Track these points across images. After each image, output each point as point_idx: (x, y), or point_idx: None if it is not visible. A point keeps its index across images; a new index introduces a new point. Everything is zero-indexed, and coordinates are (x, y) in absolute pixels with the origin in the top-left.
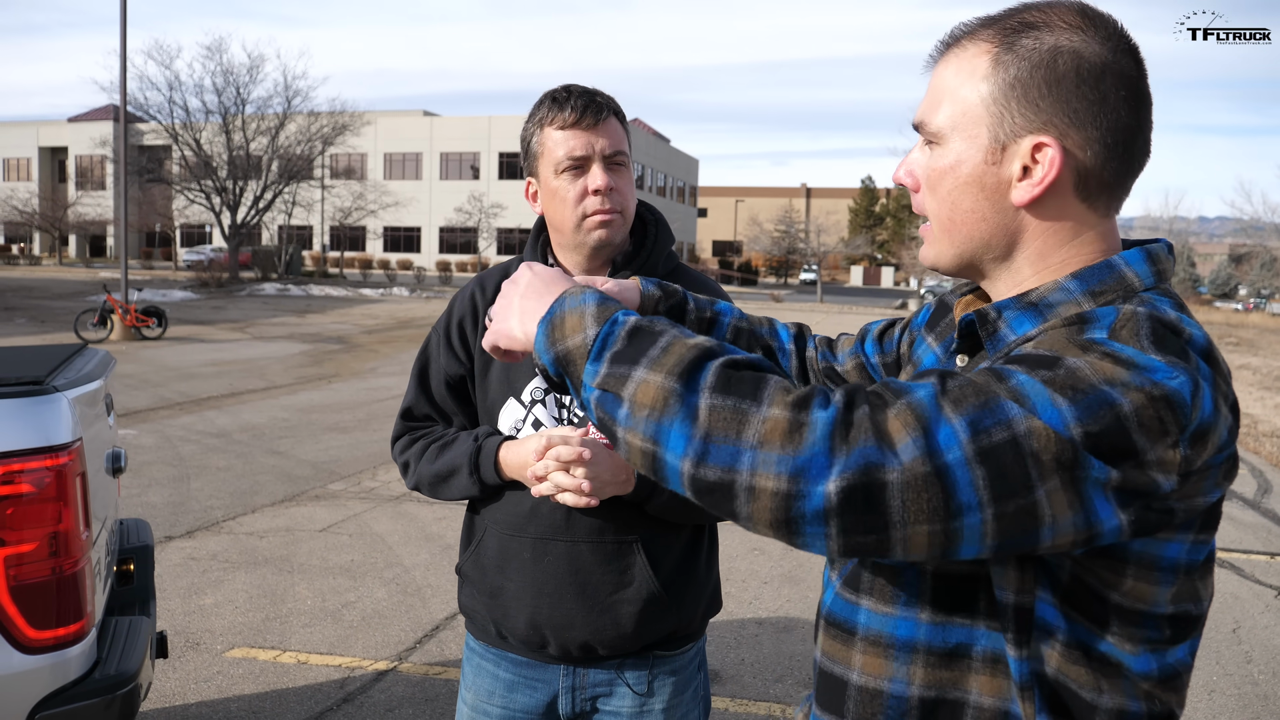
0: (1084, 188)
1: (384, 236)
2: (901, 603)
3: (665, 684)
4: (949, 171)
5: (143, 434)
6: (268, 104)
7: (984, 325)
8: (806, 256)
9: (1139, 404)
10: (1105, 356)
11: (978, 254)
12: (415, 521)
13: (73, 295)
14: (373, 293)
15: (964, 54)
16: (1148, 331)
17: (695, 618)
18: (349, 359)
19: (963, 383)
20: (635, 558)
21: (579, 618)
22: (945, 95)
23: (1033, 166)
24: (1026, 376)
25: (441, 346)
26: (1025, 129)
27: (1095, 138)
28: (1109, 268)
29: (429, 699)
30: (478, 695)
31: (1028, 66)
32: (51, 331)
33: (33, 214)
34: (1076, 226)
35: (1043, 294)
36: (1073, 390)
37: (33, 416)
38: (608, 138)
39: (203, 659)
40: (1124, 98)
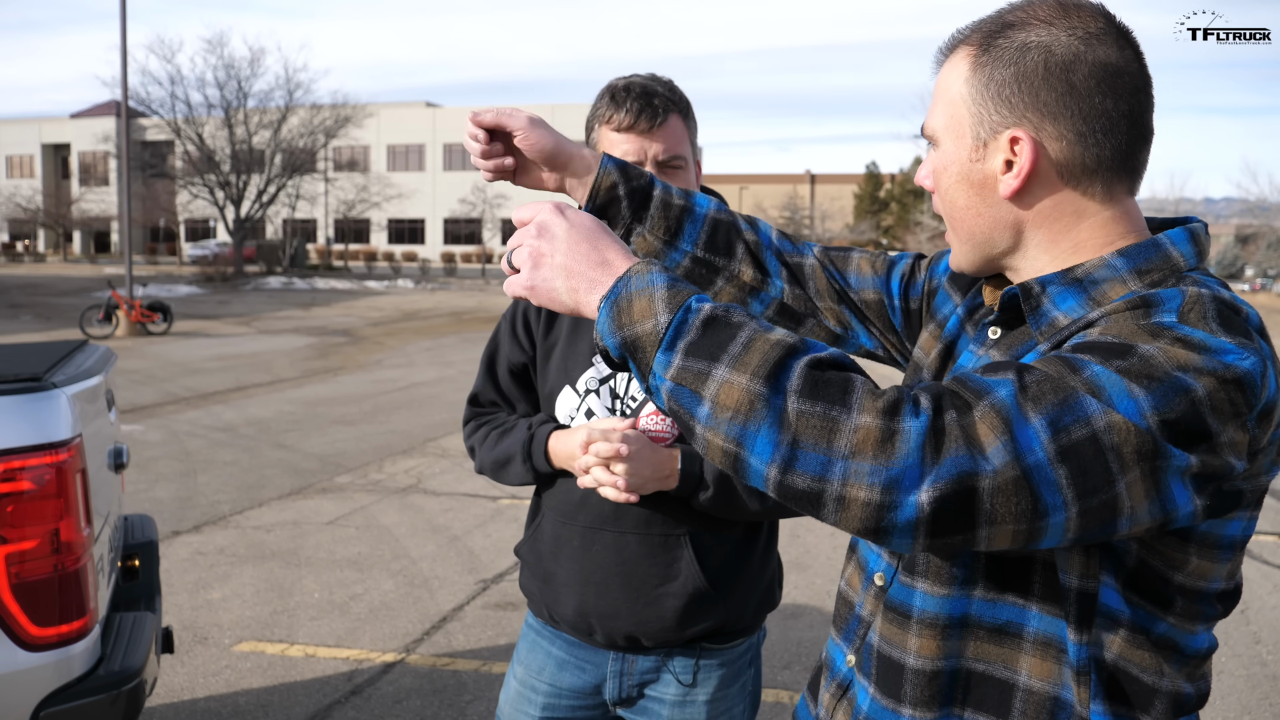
0: (1069, 175)
1: (388, 229)
2: (957, 583)
3: (711, 676)
4: (944, 171)
5: (149, 429)
6: (269, 97)
7: (1028, 299)
8: None
9: (1211, 388)
10: (1176, 341)
11: (988, 249)
12: (422, 513)
13: (78, 292)
14: (377, 285)
15: (954, 59)
16: (1214, 313)
17: (746, 613)
18: (355, 352)
19: (1040, 378)
20: (682, 552)
21: (624, 608)
22: (939, 99)
23: (1013, 159)
24: (1101, 367)
25: (507, 335)
26: (1001, 125)
27: (1069, 127)
28: (1155, 246)
29: (437, 690)
30: (528, 670)
31: (1001, 66)
32: (57, 328)
33: (37, 211)
34: (1076, 213)
35: (1088, 270)
36: (1148, 379)
37: (32, 413)
38: (663, 141)
39: (211, 653)
40: (1100, 85)
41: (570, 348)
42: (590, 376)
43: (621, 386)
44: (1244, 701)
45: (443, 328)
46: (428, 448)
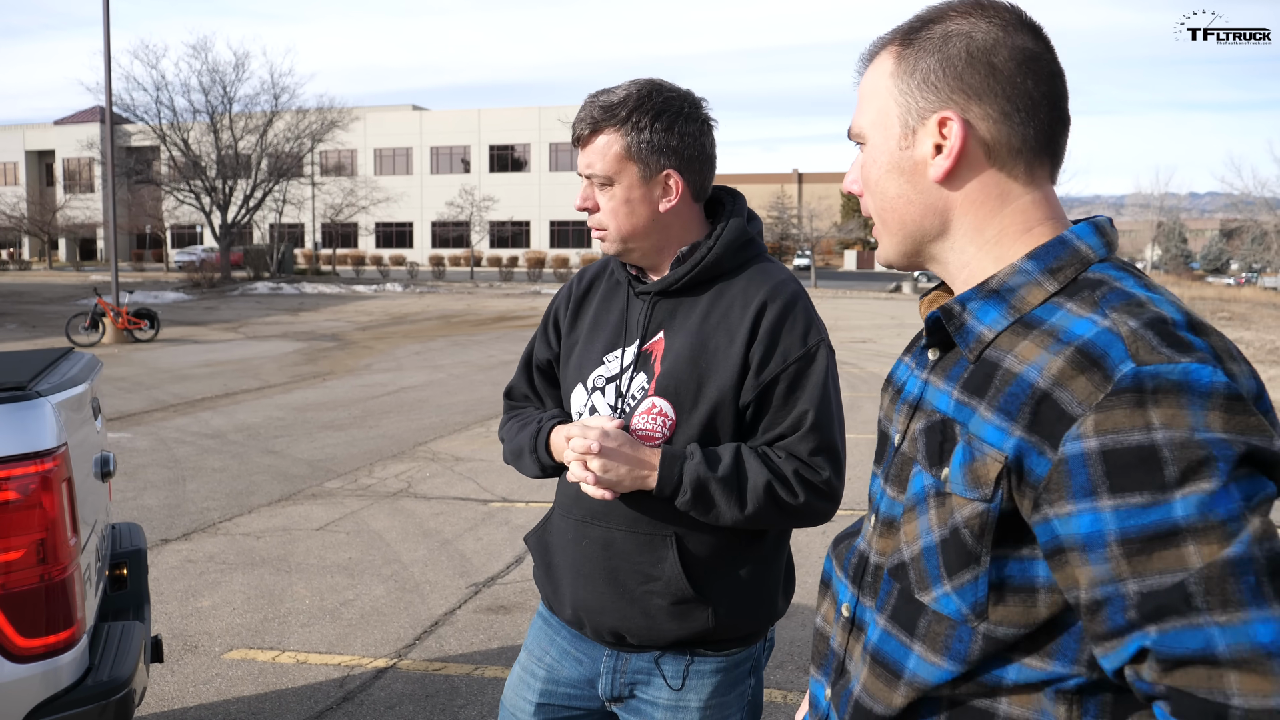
0: (995, 156)
1: (376, 232)
2: (959, 659)
3: (704, 683)
4: (872, 164)
5: (137, 437)
6: (255, 102)
7: (950, 320)
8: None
9: (1227, 422)
10: (1158, 402)
11: (916, 238)
12: (413, 518)
13: (64, 299)
14: (366, 289)
15: (877, 61)
16: (1159, 340)
17: (738, 622)
18: (343, 356)
19: (1157, 598)
20: (668, 553)
21: (609, 604)
22: (865, 99)
23: (942, 142)
24: (1148, 510)
25: (540, 333)
26: (929, 109)
27: (995, 107)
28: (1062, 244)
29: (429, 695)
30: (531, 654)
31: (924, 55)
32: (43, 336)
33: (21, 218)
34: (1001, 196)
35: (1002, 279)
36: (1199, 464)
37: (15, 422)
38: (589, 156)
39: (201, 661)
40: (1020, 68)
41: (587, 346)
42: (599, 374)
43: (625, 384)
44: None
45: (432, 331)
46: (418, 452)
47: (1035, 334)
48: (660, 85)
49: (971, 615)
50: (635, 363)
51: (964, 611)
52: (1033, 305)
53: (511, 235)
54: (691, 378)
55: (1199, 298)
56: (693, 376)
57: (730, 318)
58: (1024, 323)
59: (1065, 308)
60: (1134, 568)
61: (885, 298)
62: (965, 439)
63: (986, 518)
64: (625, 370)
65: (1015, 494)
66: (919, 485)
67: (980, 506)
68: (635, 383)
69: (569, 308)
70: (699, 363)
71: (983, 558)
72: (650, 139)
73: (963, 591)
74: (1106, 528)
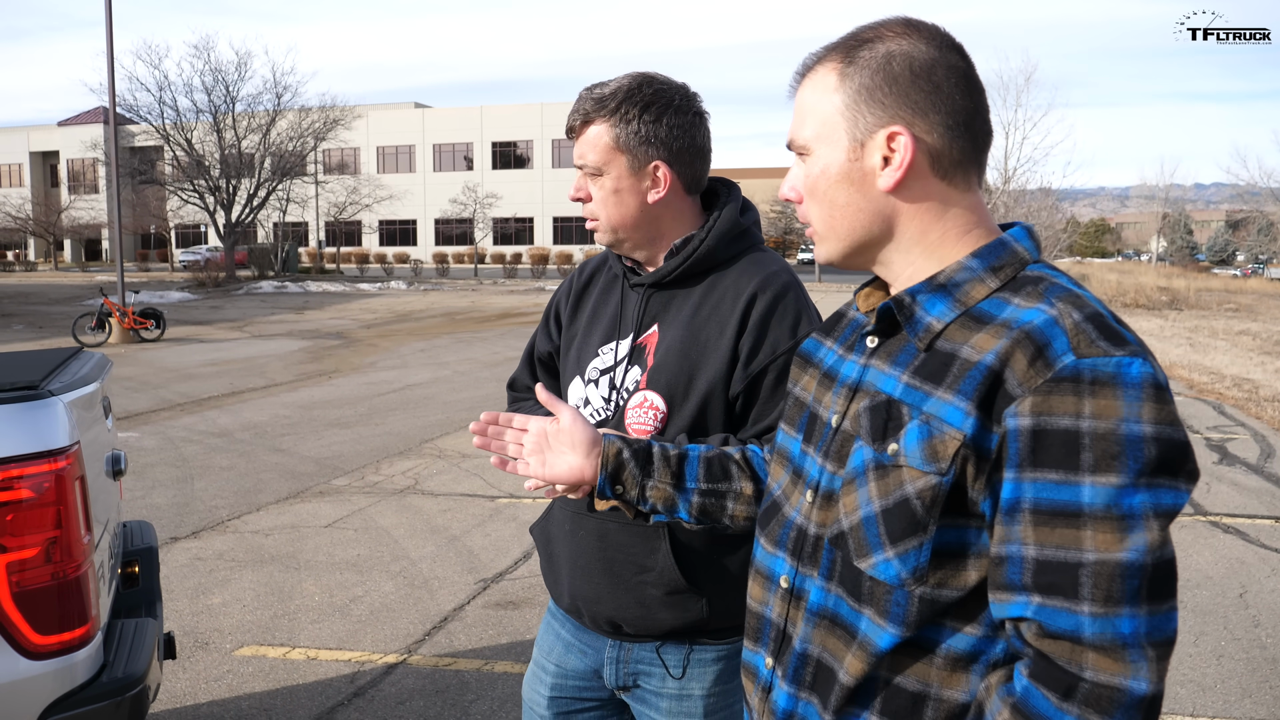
0: (939, 167)
1: (379, 230)
2: (891, 619)
3: (706, 672)
4: (821, 175)
5: (145, 436)
6: (258, 101)
7: (901, 310)
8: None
9: (1157, 412)
10: (1094, 394)
11: (862, 242)
12: (421, 514)
13: (70, 300)
14: (370, 287)
15: (816, 76)
16: (1096, 334)
17: (735, 611)
18: (349, 354)
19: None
20: (660, 543)
21: (605, 593)
22: (807, 113)
23: (890, 155)
24: (1071, 491)
25: (541, 325)
26: (876, 125)
27: (938, 121)
28: (1002, 245)
29: (439, 690)
30: (541, 650)
31: (868, 73)
32: (50, 337)
33: (26, 219)
34: (942, 203)
35: (949, 275)
36: (1110, 458)
37: (29, 421)
38: (581, 147)
39: (212, 658)
40: (956, 85)
41: (585, 339)
42: (594, 366)
43: (620, 377)
44: (1244, 685)
45: (436, 328)
46: (424, 449)
47: (990, 327)
48: (652, 78)
49: (910, 579)
50: (629, 356)
51: (903, 576)
52: (977, 299)
53: (515, 232)
54: (682, 370)
55: (1205, 289)
56: (684, 369)
57: (721, 309)
58: (971, 315)
59: (1013, 303)
60: (1037, 535)
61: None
62: (921, 418)
63: (939, 490)
64: (619, 363)
65: (969, 467)
66: (859, 460)
67: (934, 480)
68: (629, 376)
69: (569, 300)
70: (690, 355)
71: (929, 526)
72: (638, 130)
73: (905, 557)
74: (1023, 495)
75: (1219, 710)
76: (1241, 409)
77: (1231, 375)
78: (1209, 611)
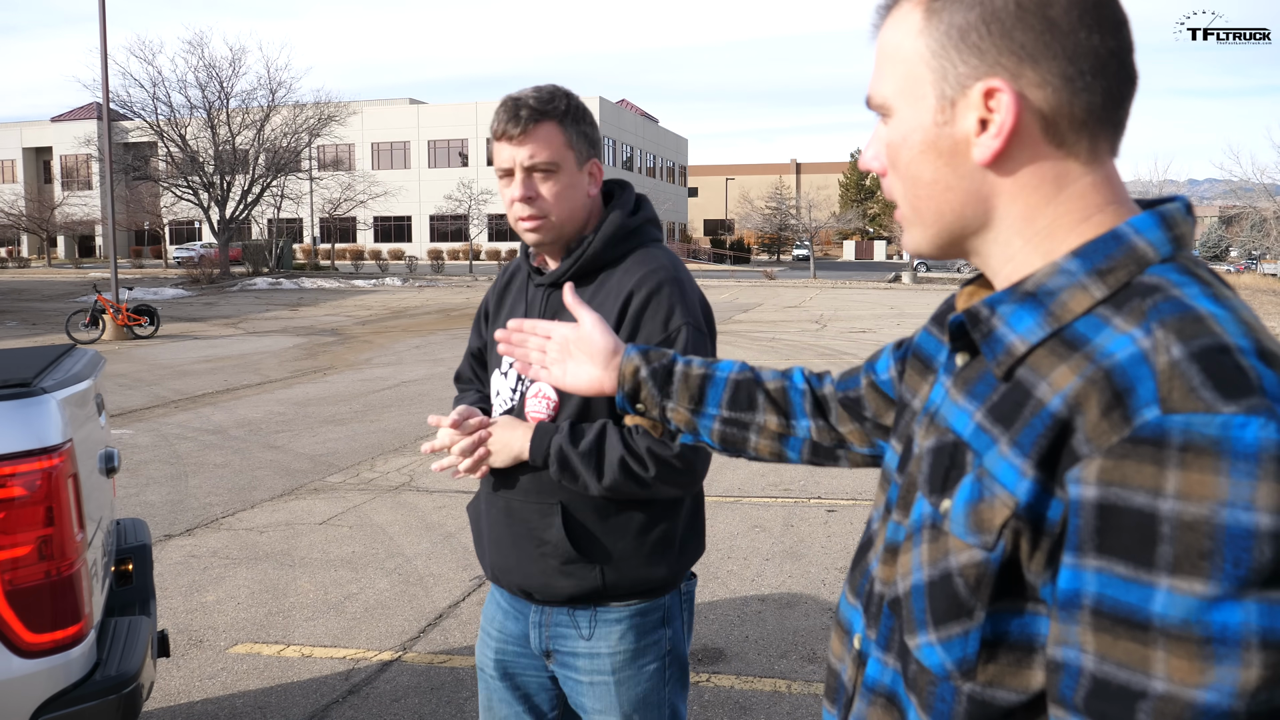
0: (1053, 131)
1: (374, 227)
2: (934, 715)
3: (611, 631)
4: (902, 144)
5: (139, 433)
6: (252, 97)
7: (976, 326)
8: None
9: (1267, 500)
10: (1183, 464)
11: (954, 230)
12: (415, 511)
13: (63, 296)
14: (365, 283)
15: (899, 13)
16: (1202, 379)
17: (632, 578)
18: (343, 351)
19: (1105, 698)
20: (554, 519)
21: (514, 564)
22: (886, 62)
23: (989, 117)
24: (1141, 594)
25: (474, 323)
26: (971, 77)
27: (1054, 70)
28: (1115, 239)
29: (434, 687)
30: (485, 617)
31: (962, 9)
32: (43, 333)
33: (20, 216)
34: (1058, 179)
35: (1039, 280)
36: (1200, 559)
37: (21, 419)
38: (530, 148)
39: (206, 656)
40: (1080, 18)
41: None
42: (507, 360)
43: None
44: None
45: (431, 325)
46: (419, 445)
47: (1075, 357)
48: (565, 89)
49: (957, 672)
50: None
51: (948, 666)
52: (1075, 314)
53: (510, 229)
54: None
55: None
56: None
57: (605, 306)
58: (1063, 339)
59: (1112, 323)
60: (1098, 643)
61: (884, 288)
62: (977, 472)
63: (985, 569)
64: None
65: (1023, 542)
66: (918, 513)
67: (979, 555)
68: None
69: (495, 299)
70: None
71: (976, 612)
72: (580, 130)
73: (949, 645)
74: (1084, 588)
75: None
76: None
77: None
78: None
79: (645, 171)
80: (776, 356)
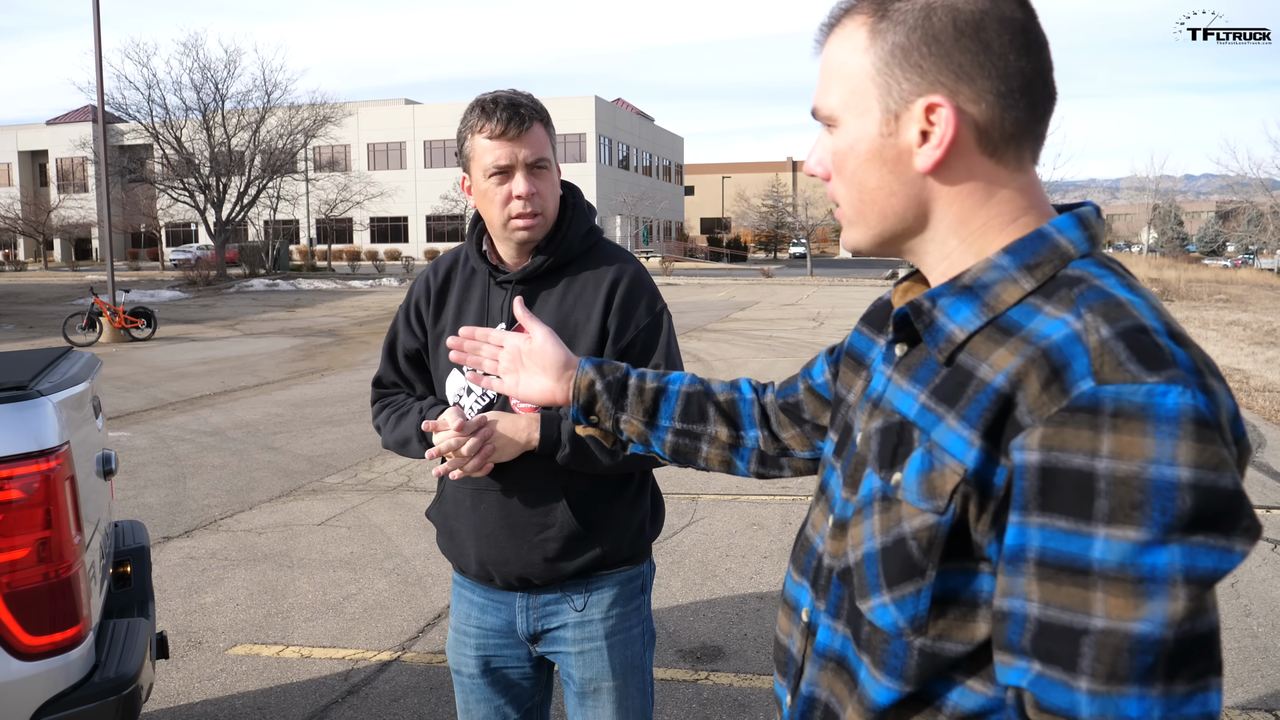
0: (987, 142)
1: (371, 227)
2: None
3: (603, 598)
4: (849, 152)
5: (136, 435)
6: (247, 99)
7: (919, 317)
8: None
9: (1197, 454)
10: (1115, 428)
11: (895, 230)
12: (413, 511)
13: (60, 299)
14: (362, 284)
15: (843, 32)
16: (1128, 354)
17: (622, 547)
18: (341, 351)
19: (1050, 638)
20: (558, 502)
21: (511, 555)
22: (832, 76)
23: (929, 129)
24: (1081, 543)
25: (402, 324)
26: (914, 93)
27: (987, 88)
28: (1041, 238)
29: (433, 687)
30: (459, 619)
31: (904, 30)
32: (40, 336)
33: (15, 219)
34: (989, 185)
35: (975, 275)
36: (1130, 507)
37: (18, 421)
38: (530, 146)
39: (206, 657)
40: (1010, 42)
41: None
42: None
43: None
44: (1236, 674)
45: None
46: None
47: (1013, 340)
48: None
49: (909, 629)
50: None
51: (900, 625)
52: (1008, 304)
53: None
54: None
55: (1195, 280)
56: None
57: (585, 296)
58: (998, 326)
59: (1043, 310)
60: (1042, 590)
61: (881, 284)
62: (926, 446)
63: (937, 531)
64: None
65: (971, 506)
66: (867, 488)
67: (932, 519)
68: None
69: (429, 299)
70: (562, 339)
71: (928, 571)
72: (553, 133)
73: (902, 604)
74: (1028, 543)
75: None
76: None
77: (1222, 366)
78: None
79: (641, 170)
80: (774, 354)
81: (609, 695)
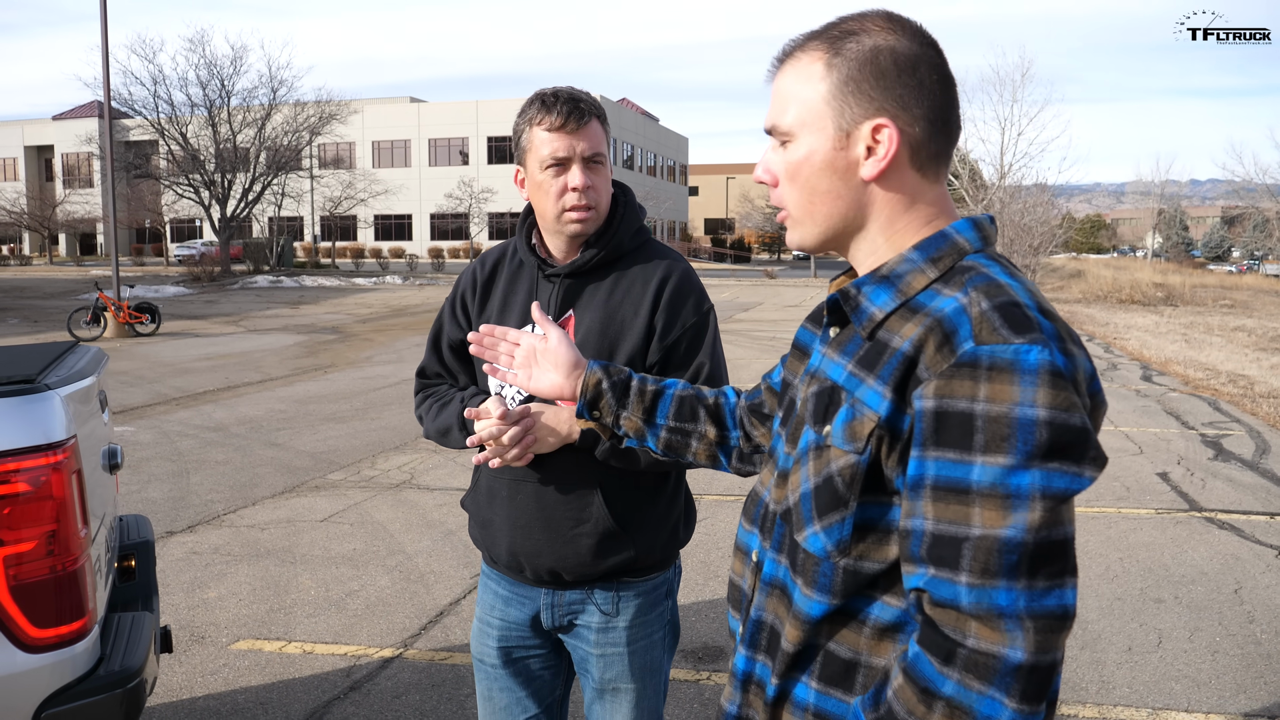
0: (916, 160)
1: (375, 225)
2: (818, 588)
3: (630, 605)
4: (805, 162)
5: (140, 430)
6: (253, 95)
7: (847, 301)
8: None
9: (1052, 397)
10: (990, 379)
11: (837, 228)
12: (416, 509)
13: (65, 294)
14: (366, 282)
15: (799, 63)
16: (1000, 321)
17: (655, 550)
18: (344, 349)
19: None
20: (594, 498)
21: (545, 548)
22: (789, 99)
23: (875, 146)
24: (961, 469)
25: (448, 315)
26: (863, 116)
27: (920, 115)
28: (943, 237)
29: (435, 684)
30: (483, 609)
31: (855, 65)
32: (45, 331)
33: (21, 214)
34: (913, 195)
35: (891, 267)
36: (1000, 440)
37: (26, 415)
38: (588, 140)
39: (208, 652)
40: (936, 81)
41: (501, 325)
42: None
43: None
44: (1239, 680)
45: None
46: (420, 443)
47: (917, 316)
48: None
49: (835, 551)
50: None
51: (828, 548)
52: (916, 290)
53: (510, 227)
54: (603, 348)
55: (1200, 285)
56: (604, 346)
57: (634, 293)
58: (909, 307)
59: (941, 293)
60: (935, 510)
61: None
62: (850, 402)
63: (857, 469)
64: None
65: (884, 447)
66: (804, 441)
67: (853, 459)
68: None
69: (475, 291)
70: (609, 334)
71: (850, 502)
72: (609, 131)
73: (829, 530)
74: (925, 472)
75: (1214, 706)
76: (1237, 405)
77: (1227, 371)
78: (1204, 607)
79: (646, 170)
80: (777, 355)
81: (626, 695)
